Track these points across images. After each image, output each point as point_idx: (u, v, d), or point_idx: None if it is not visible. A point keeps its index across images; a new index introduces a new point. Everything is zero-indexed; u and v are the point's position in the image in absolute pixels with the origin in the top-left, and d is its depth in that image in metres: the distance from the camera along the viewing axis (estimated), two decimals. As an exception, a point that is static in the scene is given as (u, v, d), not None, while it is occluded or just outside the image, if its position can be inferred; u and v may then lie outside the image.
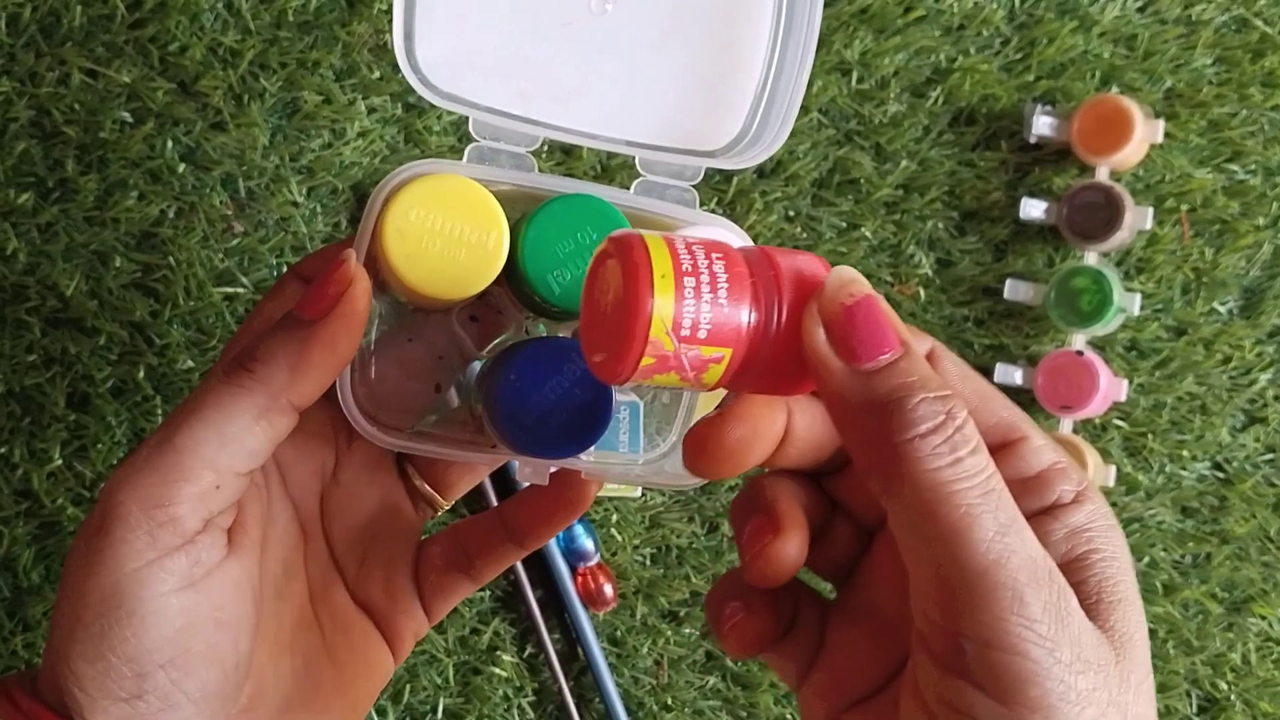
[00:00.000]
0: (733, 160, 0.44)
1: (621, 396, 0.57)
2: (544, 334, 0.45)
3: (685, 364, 0.31)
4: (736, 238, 0.42)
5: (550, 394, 0.41)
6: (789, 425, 0.36)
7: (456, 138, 0.58)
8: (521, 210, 0.42)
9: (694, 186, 0.44)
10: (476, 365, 0.44)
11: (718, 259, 0.32)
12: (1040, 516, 0.33)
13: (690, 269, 0.31)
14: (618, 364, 0.31)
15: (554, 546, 0.58)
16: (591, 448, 0.45)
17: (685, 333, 0.31)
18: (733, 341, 0.31)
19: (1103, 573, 0.32)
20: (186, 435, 0.36)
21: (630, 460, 0.51)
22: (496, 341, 0.44)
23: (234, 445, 0.36)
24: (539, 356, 0.41)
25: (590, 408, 0.41)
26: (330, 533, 0.43)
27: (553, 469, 0.43)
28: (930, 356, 0.34)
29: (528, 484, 0.43)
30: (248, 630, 0.38)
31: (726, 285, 0.31)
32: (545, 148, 0.58)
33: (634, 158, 0.44)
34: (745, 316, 0.31)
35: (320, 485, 0.43)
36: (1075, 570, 0.32)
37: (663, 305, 0.30)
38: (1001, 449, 0.34)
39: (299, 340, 0.37)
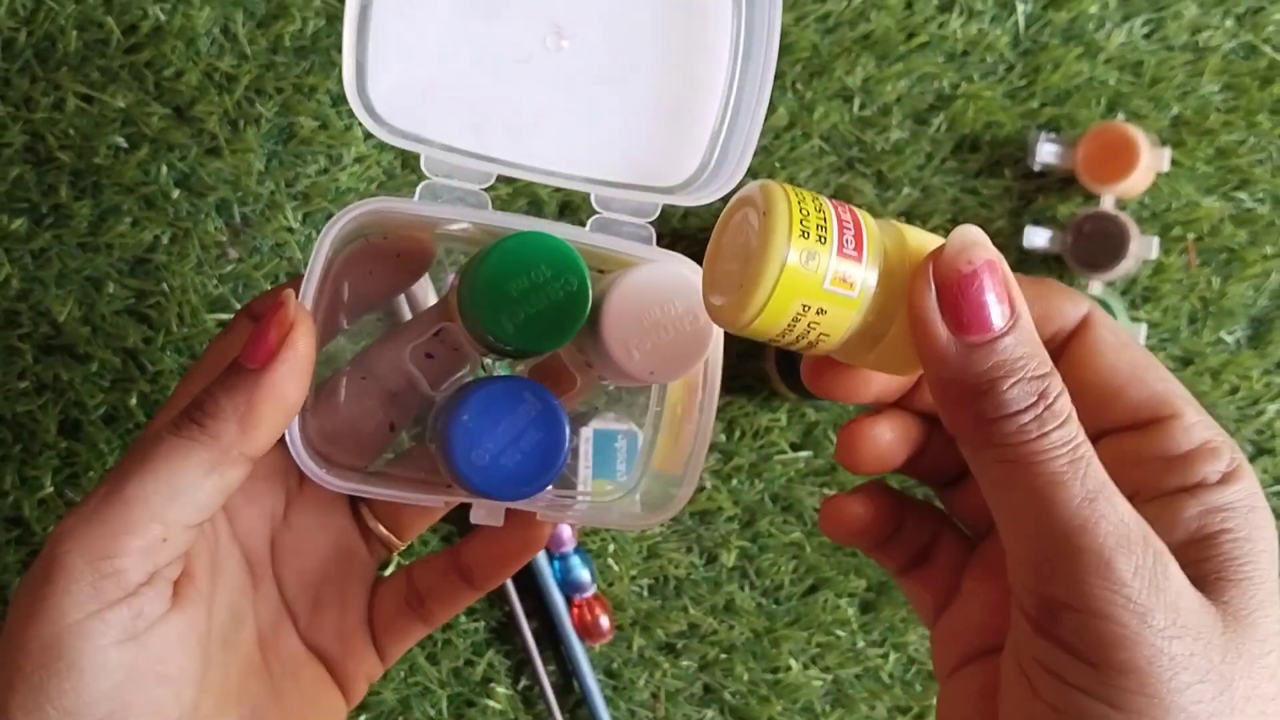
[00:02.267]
0: (690, 197, 0.43)
1: (619, 426, 0.57)
2: (503, 372, 0.44)
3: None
4: (694, 275, 0.41)
5: (504, 434, 0.41)
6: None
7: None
8: (475, 248, 0.41)
9: (650, 223, 0.44)
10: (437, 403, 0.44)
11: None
12: (1180, 494, 0.32)
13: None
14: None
15: (550, 577, 0.58)
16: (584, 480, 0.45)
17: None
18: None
19: (1229, 552, 0.31)
20: (136, 487, 0.35)
21: (622, 488, 0.50)
22: (453, 379, 0.44)
23: (184, 499, 0.36)
24: (493, 396, 0.41)
25: (545, 447, 0.41)
26: (281, 576, 0.43)
27: (508, 510, 0.42)
28: (1085, 322, 0.34)
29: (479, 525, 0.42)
30: (191, 682, 0.37)
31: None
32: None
33: (590, 194, 0.43)
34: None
35: (270, 528, 0.42)
36: (1202, 548, 0.31)
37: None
38: (1152, 424, 0.33)
39: (246, 390, 0.36)
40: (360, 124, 0.41)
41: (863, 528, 0.38)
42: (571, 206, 0.59)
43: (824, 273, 0.31)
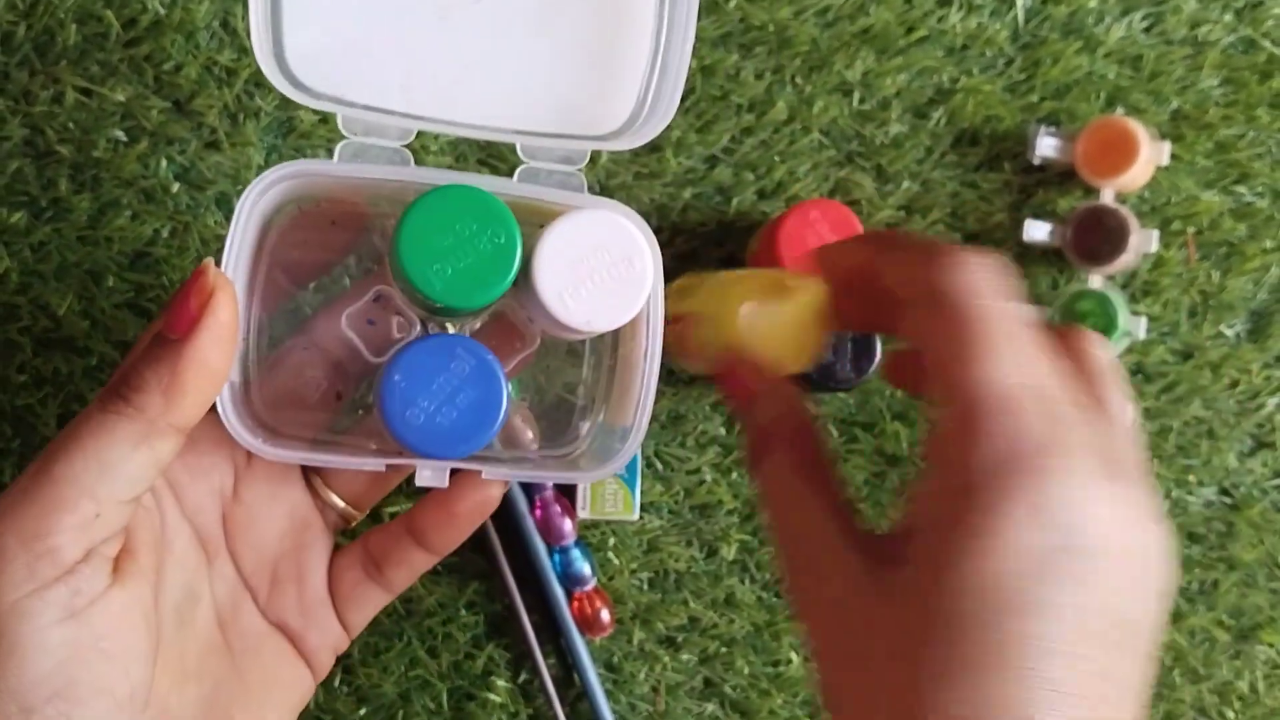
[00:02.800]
0: (621, 142, 0.43)
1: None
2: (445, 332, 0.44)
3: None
4: (626, 219, 0.42)
5: (439, 392, 0.41)
6: None
7: (454, 156, 0.58)
8: (400, 205, 0.41)
9: (580, 170, 0.43)
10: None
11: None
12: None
13: None
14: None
15: (550, 571, 0.58)
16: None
17: None
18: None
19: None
20: (64, 465, 0.35)
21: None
22: (395, 344, 0.44)
23: (113, 473, 0.36)
24: (425, 355, 0.41)
25: (481, 403, 0.41)
26: (236, 552, 0.43)
27: (452, 470, 0.42)
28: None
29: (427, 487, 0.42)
30: (140, 658, 0.37)
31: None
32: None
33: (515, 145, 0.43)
34: None
35: (220, 504, 0.42)
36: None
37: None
38: None
39: (169, 361, 0.36)
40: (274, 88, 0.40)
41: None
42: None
43: None
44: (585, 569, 0.58)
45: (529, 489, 0.57)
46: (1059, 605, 0.30)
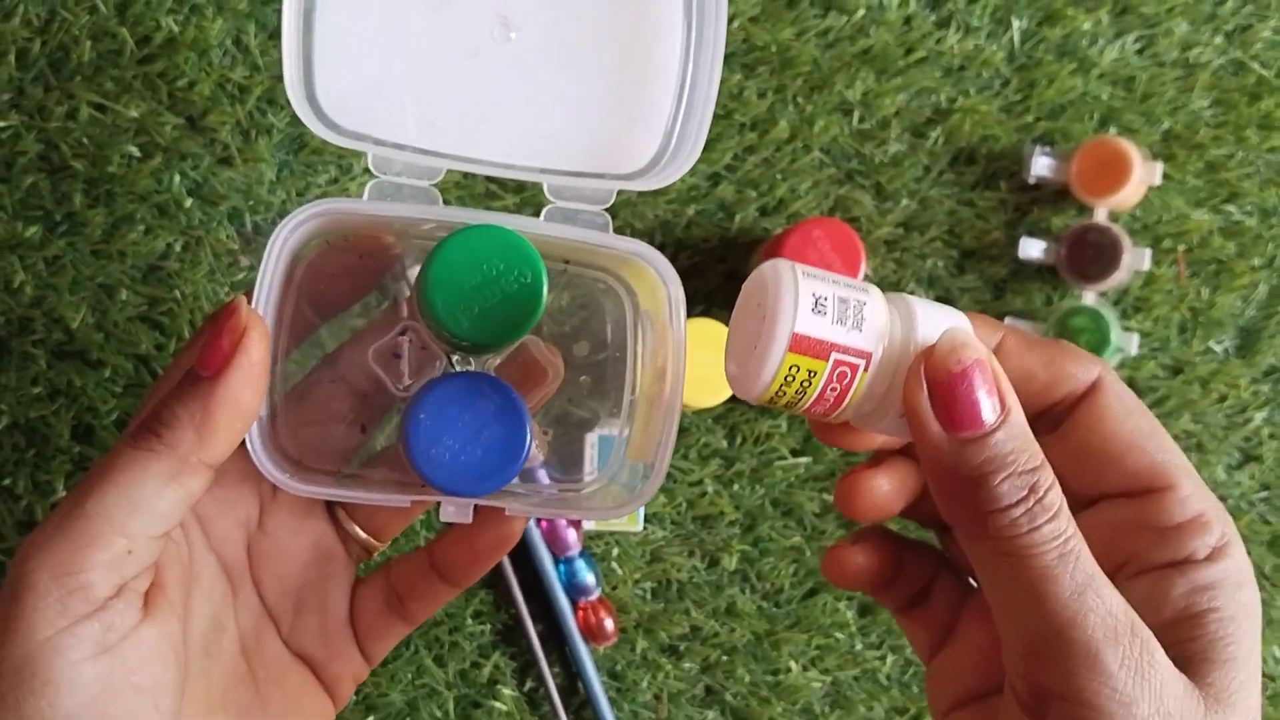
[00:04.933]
0: (647, 181, 0.44)
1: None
2: (469, 369, 0.44)
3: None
4: (660, 259, 0.43)
5: (464, 431, 0.41)
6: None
7: (461, 173, 0.59)
8: (427, 242, 0.42)
9: (607, 210, 0.44)
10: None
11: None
12: (1169, 569, 0.33)
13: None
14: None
15: (555, 580, 0.59)
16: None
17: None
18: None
19: (1215, 632, 0.32)
20: (96, 501, 0.35)
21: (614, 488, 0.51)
22: (421, 378, 0.44)
23: (145, 509, 0.36)
24: (451, 393, 0.41)
25: (506, 442, 0.41)
26: (260, 582, 0.43)
27: (476, 506, 0.42)
28: (1095, 387, 0.35)
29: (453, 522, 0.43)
30: (170, 692, 0.37)
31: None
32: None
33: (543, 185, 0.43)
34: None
35: (246, 535, 0.43)
36: (1188, 626, 0.33)
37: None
38: (1148, 494, 0.34)
39: (201, 399, 0.36)
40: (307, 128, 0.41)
41: (864, 575, 0.39)
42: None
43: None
44: (590, 579, 0.59)
45: (536, 500, 0.58)
46: None
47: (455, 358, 0.45)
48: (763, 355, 0.32)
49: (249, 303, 0.38)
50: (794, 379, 0.33)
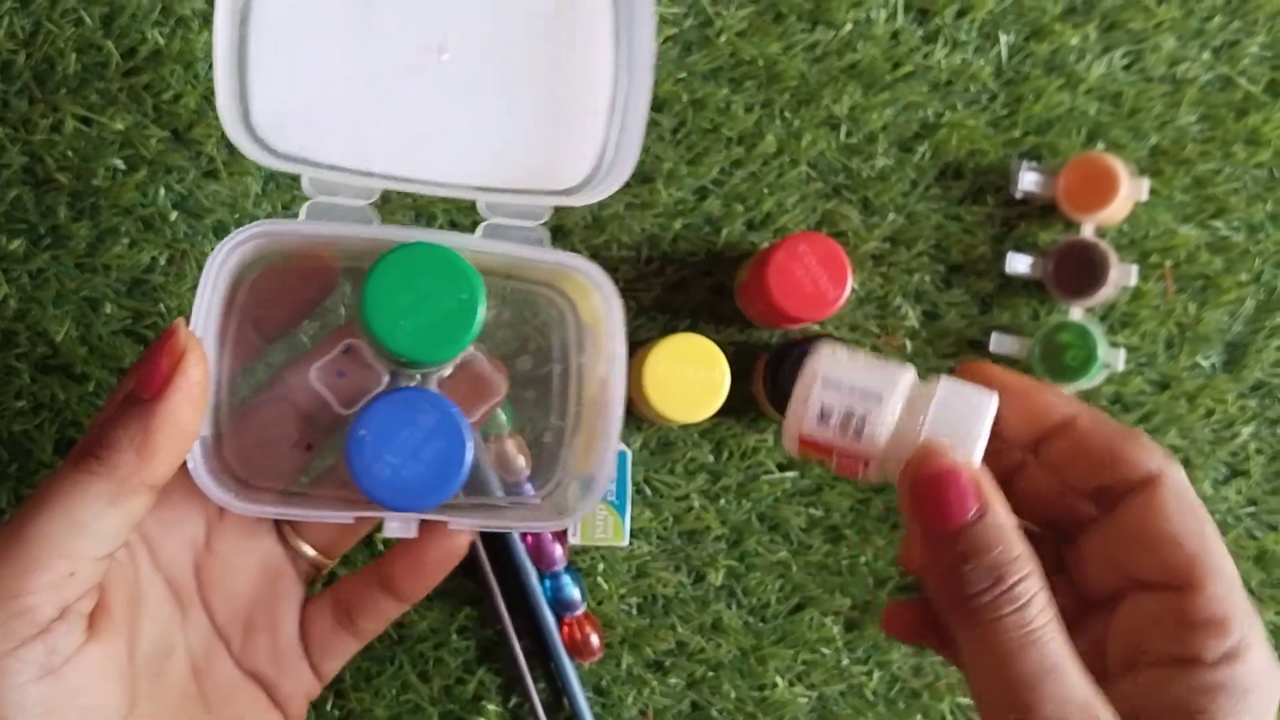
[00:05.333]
0: (582, 197, 0.44)
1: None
2: (413, 385, 0.45)
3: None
4: (598, 272, 0.44)
5: (405, 446, 0.42)
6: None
7: (419, 212, 0.59)
8: (367, 261, 0.42)
9: (544, 225, 0.45)
10: None
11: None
12: (1176, 666, 0.35)
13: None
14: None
15: (540, 596, 0.58)
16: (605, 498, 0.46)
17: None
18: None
19: None
20: (36, 525, 0.36)
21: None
22: (366, 396, 0.44)
23: (86, 532, 0.36)
24: (391, 409, 0.42)
25: (445, 457, 0.42)
26: (209, 603, 0.43)
27: (420, 521, 0.43)
28: (1158, 479, 0.37)
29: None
30: (116, 712, 0.38)
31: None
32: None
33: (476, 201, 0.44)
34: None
35: (193, 556, 0.43)
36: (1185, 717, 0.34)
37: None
38: (1176, 590, 0.36)
39: (141, 420, 0.37)
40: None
41: (918, 627, 0.42)
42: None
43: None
44: (575, 594, 0.58)
45: (521, 515, 0.58)
46: None
47: (399, 375, 0.45)
48: (786, 438, 0.40)
49: (187, 325, 0.38)
50: (812, 457, 0.40)
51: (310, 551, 0.46)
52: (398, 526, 0.43)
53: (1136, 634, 0.36)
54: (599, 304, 0.45)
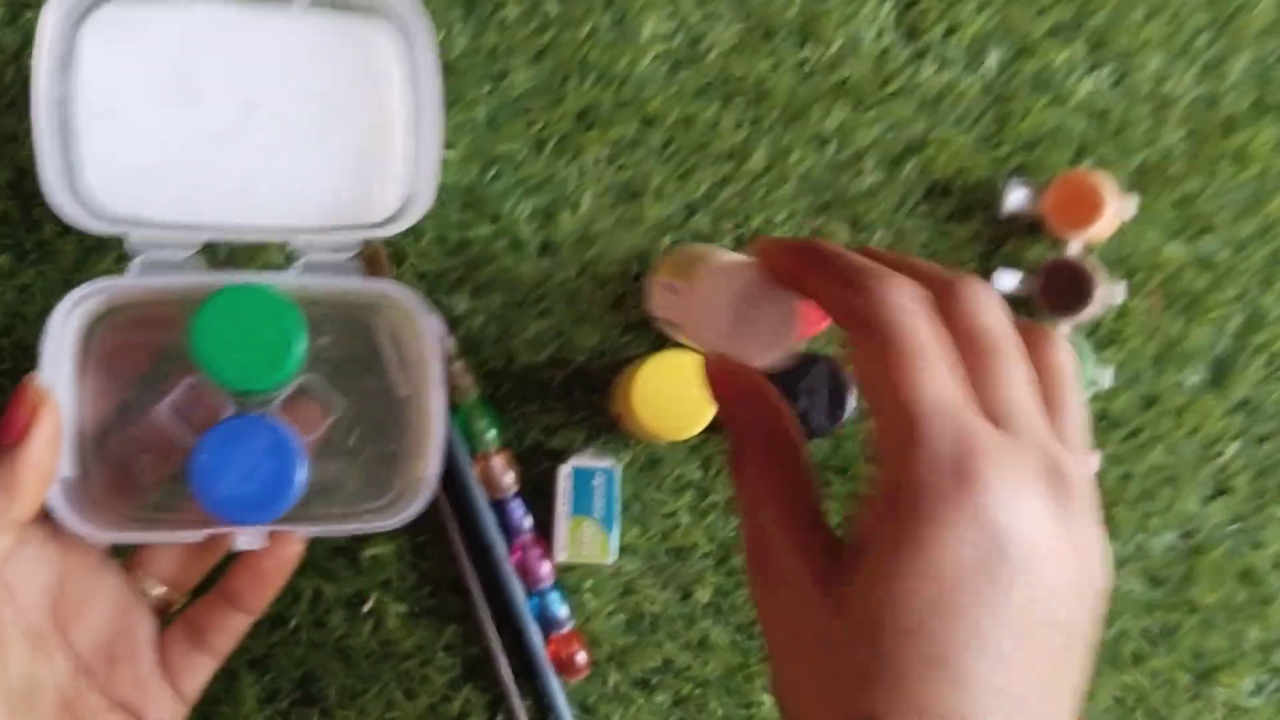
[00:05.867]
0: (390, 228, 0.49)
1: (597, 463, 0.57)
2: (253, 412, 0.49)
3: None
4: (409, 297, 0.49)
5: (240, 467, 0.47)
6: None
7: (438, 202, 0.59)
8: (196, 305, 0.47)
9: (353, 257, 0.50)
10: None
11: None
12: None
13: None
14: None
15: (527, 613, 0.58)
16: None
17: None
18: None
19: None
20: None
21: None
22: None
23: None
24: (227, 435, 0.47)
25: (278, 474, 0.47)
26: (71, 639, 0.46)
27: (268, 533, 0.48)
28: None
29: (240, 552, 0.48)
30: None
31: None
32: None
33: (290, 242, 0.50)
34: None
35: (49, 599, 0.46)
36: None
37: None
38: None
39: (8, 463, 0.42)
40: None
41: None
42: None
43: None
44: (562, 612, 0.58)
45: (507, 532, 0.58)
46: (994, 611, 0.31)
47: (245, 403, 0.49)
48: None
49: (37, 378, 0.44)
50: None
51: (158, 588, 0.49)
52: (247, 540, 0.48)
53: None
54: (415, 325, 0.49)
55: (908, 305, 0.34)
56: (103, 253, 0.56)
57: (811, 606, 0.34)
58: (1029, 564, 0.32)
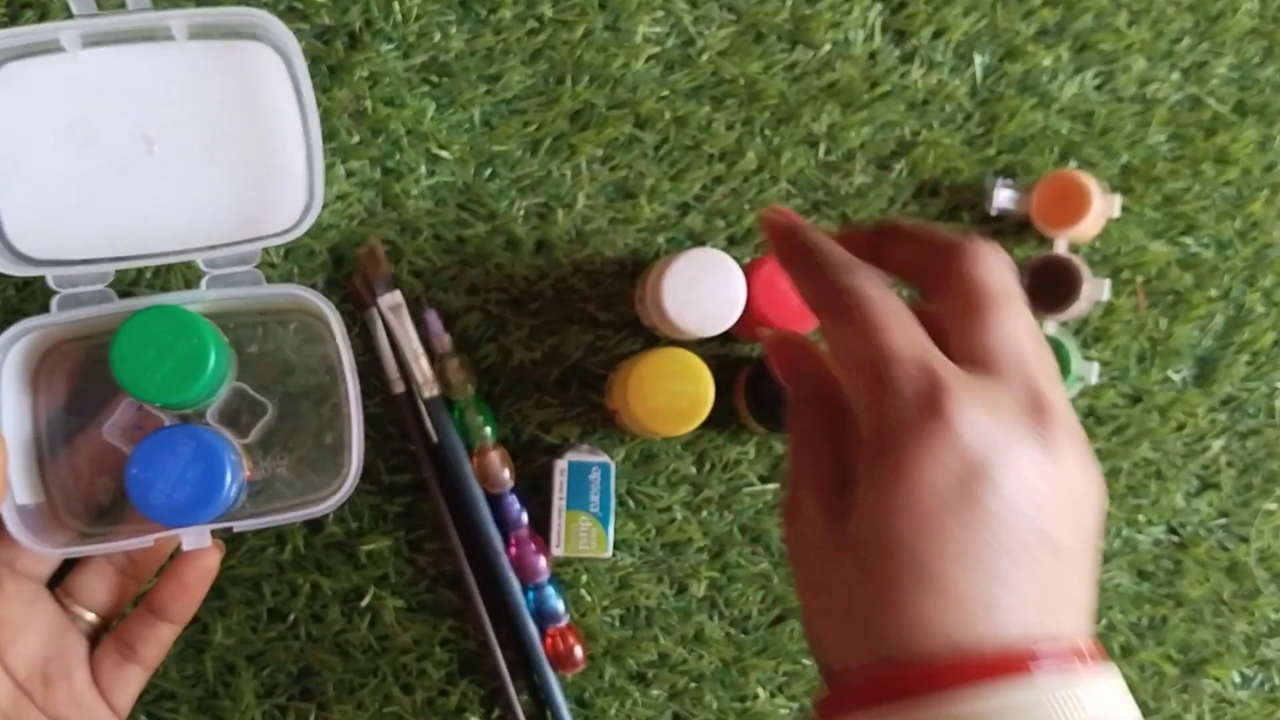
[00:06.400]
0: (290, 235, 0.52)
1: (593, 458, 0.58)
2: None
3: None
4: (314, 298, 0.52)
5: (171, 474, 0.50)
6: None
7: (434, 201, 0.59)
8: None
9: (256, 267, 0.53)
10: None
11: None
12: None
13: None
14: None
15: (524, 608, 0.59)
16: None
17: None
18: None
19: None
20: None
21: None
22: None
23: None
24: (153, 447, 0.50)
25: (208, 476, 0.50)
26: (8, 664, 0.50)
27: (211, 530, 0.51)
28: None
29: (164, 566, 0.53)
30: None
31: None
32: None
33: (197, 261, 0.53)
34: None
35: None
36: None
37: None
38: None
39: None
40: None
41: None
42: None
43: None
44: (559, 606, 0.59)
45: (504, 527, 0.59)
46: (974, 527, 0.33)
47: (188, 416, 0.53)
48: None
49: None
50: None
51: (87, 614, 0.52)
52: (192, 539, 0.51)
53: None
54: (328, 326, 0.53)
55: (873, 285, 0.37)
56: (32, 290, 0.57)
57: (826, 546, 0.36)
58: (1005, 482, 0.34)
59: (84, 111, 0.52)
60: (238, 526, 0.52)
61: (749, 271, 0.57)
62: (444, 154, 0.59)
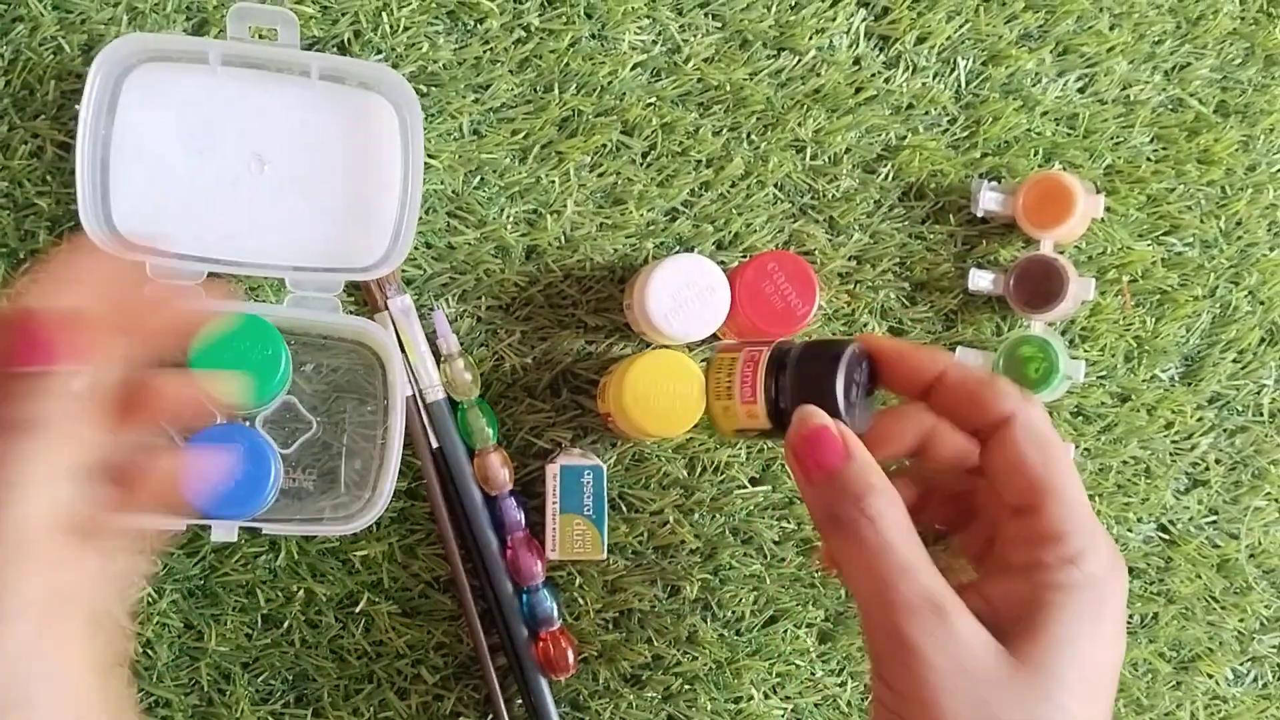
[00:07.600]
0: (373, 272, 0.56)
1: (585, 461, 0.58)
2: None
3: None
4: (381, 333, 0.57)
5: None
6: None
7: (425, 209, 0.60)
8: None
9: (337, 296, 0.57)
10: None
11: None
12: (1026, 570, 0.41)
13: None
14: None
15: (516, 612, 0.59)
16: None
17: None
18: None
19: (1038, 617, 0.40)
20: None
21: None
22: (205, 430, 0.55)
23: None
24: (211, 438, 0.54)
25: (254, 476, 0.54)
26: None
27: (239, 527, 0.54)
28: (1009, 419, 0.42)
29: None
30: None
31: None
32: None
33: (285, 279, 0.57)
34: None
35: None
36: (1022, 612, 0.40)
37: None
38: (1029, 511, 0.41)
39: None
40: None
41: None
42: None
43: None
44: (551, 610, 0.59)
45: (502, 529, 0.59)
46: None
47: (234, 415, 0.56)
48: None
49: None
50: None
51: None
52: (221, 533, 0.54)
53: (1003, 551, 0.42)
54: (388, 363, 0.57)
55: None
56: (96, 261, 0.57)
57: (987, 672, 0.39)
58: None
59: (209, 122, 0.56)
60: (266, 529, 0.55)
61: (733, 276, 0.57)
62: (433, 162, 0.60)
